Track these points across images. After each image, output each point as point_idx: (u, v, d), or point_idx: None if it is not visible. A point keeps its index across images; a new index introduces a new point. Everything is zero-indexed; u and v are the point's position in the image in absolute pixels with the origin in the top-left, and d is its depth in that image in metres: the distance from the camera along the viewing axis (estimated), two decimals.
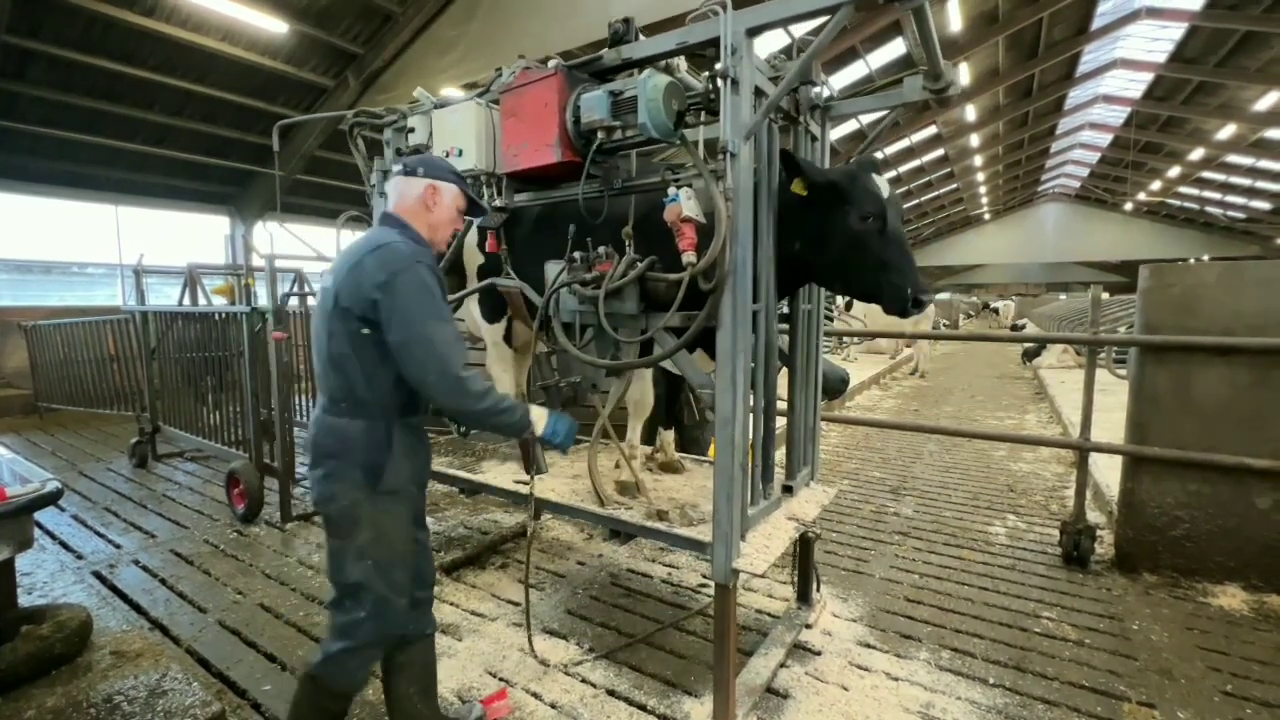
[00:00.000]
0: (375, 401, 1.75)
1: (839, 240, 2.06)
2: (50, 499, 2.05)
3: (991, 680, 2.45)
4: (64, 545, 3.84)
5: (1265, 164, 22.85)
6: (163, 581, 3.34)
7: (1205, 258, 31.49)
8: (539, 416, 1.88)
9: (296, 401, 5.48)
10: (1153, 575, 3.28)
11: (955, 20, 12.84)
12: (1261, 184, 25.38)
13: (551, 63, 2.14)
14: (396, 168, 1.92)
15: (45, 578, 3.38)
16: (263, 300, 4.18)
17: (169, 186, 10.97)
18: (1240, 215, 30.79)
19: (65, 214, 10.15)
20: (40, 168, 9.36)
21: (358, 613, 1.76)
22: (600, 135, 2.04)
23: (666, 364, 2.20)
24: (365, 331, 1.69)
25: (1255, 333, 3.00)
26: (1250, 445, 3.03)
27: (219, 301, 6.18)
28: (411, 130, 2.64)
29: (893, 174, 24.72)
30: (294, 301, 5.37)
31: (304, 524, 4.18)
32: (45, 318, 7.59)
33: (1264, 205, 28.14)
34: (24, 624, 2.12)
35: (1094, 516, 4.03)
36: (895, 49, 13.83)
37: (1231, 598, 3.03)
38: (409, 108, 2.73)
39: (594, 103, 2.01)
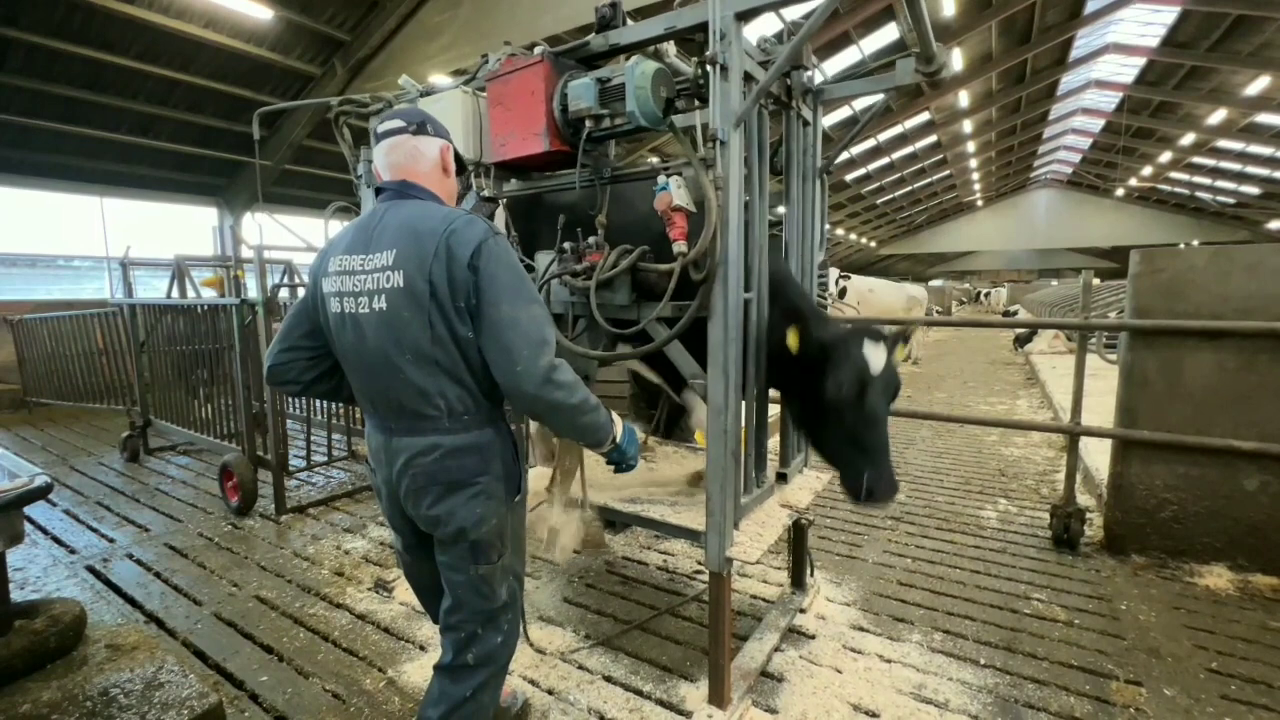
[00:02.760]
0: (495, 405, 1.59)
1: (812, 398, 2.01)
2: (39, 494, 2.03)
3: (982, 661, 2.49)
4: (56, 540, 3.83)
5: (1255, 149, 22.93)
6: (157, 575, 3.34)
7: (1195, 243, 31.67)
8: (617, 423, 1.66)
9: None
10: (1141, 557, 3.33)
11: (948, 4, 12.77)
12: (1251, 169, 25.51)
13: (537, 49, 2.11)
14: (395, 123, 1.59)
15: (38, 573, 3.36)
16: (252, 292, 4.14)
17: (155, 178, 10.81)
18: (1230, 200, 30.96)
19: (50, 206, 10.00)
20: (22, 159, 9.20)
21: (495, 639, 1.64)
22: (589, 124, 2.01)
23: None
24: (469, 333, 1.48)
25: (1243, 316, 3.02)
26: (1237, 428, 3.06)
27: (208, 294, 6.11)
28: None
29: (886, 161, 24.70)
30: (284, 293, 5.32)
31: (299, 516, 4.17)
32: (31, 311, 7.50)
33: (1253, 190, 28.30)
34: (17, 619, 2.11)
35: (1084, 500, 4.07)
36: (889, 34, 13.75)
37: (1218, 578, 3.07)
38: (394, 95, 2.69)
39: (581, 90, 1.98)
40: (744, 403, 2.14)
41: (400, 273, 1.45)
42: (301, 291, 5.39)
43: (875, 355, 1.95)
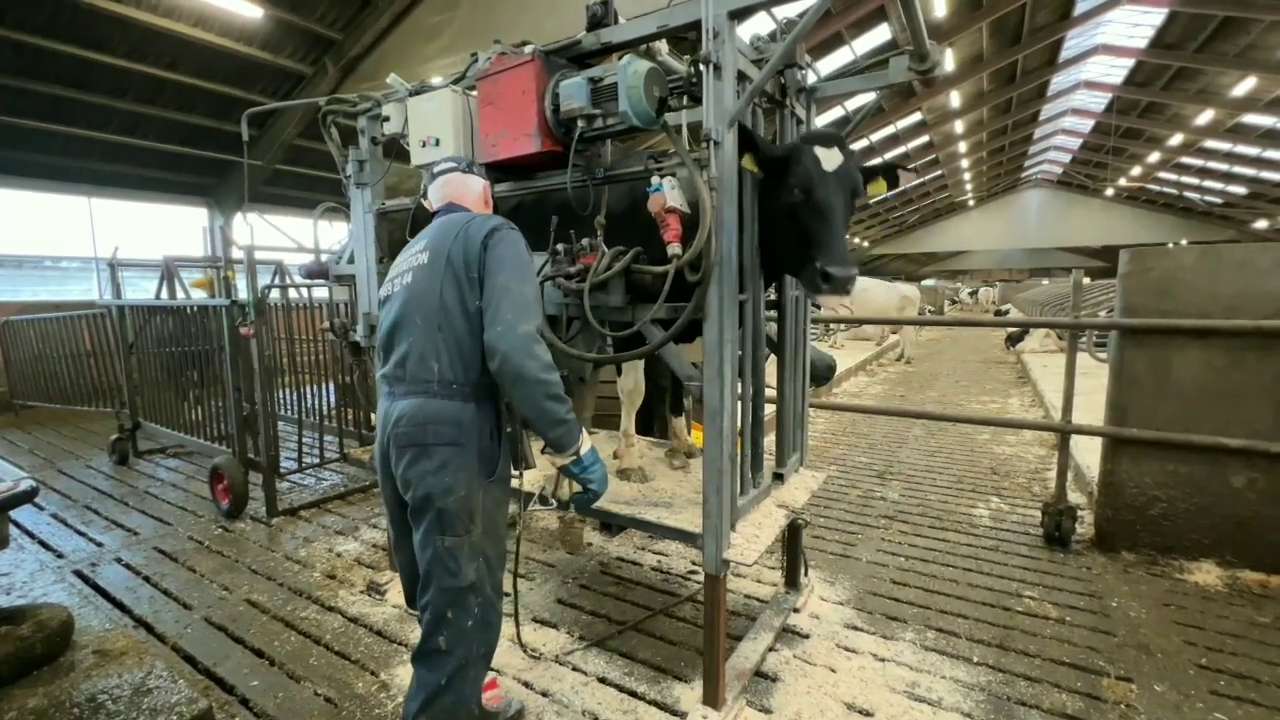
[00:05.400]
0: (489, 383, 1.69)
1: (771, 213, 2.05)
2: (25, 497, 2.00)
3: (975, 659, 2.50)
4: (44, 544, 3.78)
5: (1242, 149, 23.15)
6: (146, 579, 3.30)
7: (1184, 242, 31.97)
8: (586, 439, 1.75)
9: (280, 395, 5.40)
10: (1131, 554, 3.35)
11: (940, 5, 12.82)
12: (1238, 169, 25.75)
13: (528, 48, 2.10)
14: (449, 164, 1.95)
15: (25, 577, 3.32)
16: (243, 293, 4.11)
17: (144, 178, 10.69)
18: (1217, 200, 31.25)
19: (36, 206, 9.88)
20: (9, 158, 9.07)
21: (465, 621, 1.66)
22: (581, 124, 2.00)
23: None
24: (479, 303, 1.66)
25: (1231, 315, 3.05)
26: (1226, 425, 3.09)
27: (198, 295, 6.05)
28: (386, 119, 2.58)
29: (878, 160, 24.73)
30: (275, 294, 5.28)
31: (290, 519, 4.14)
32: (18, 313, 7.41)
33: (1240, 190, 28.57)
34: (3, 624, 2.08)
35: (1075, 497, 4.10)
36: (881, 34, 13.80)
37: (1206, 574, 3.10)
38: (383, 95, 2.67)
39: (573, 90, 1.97)
40: (740, 403, 2.14)
41: (427, 253, 1.74)
42: (291, 292, 5.41)
43: (828, 155, 1.94)
